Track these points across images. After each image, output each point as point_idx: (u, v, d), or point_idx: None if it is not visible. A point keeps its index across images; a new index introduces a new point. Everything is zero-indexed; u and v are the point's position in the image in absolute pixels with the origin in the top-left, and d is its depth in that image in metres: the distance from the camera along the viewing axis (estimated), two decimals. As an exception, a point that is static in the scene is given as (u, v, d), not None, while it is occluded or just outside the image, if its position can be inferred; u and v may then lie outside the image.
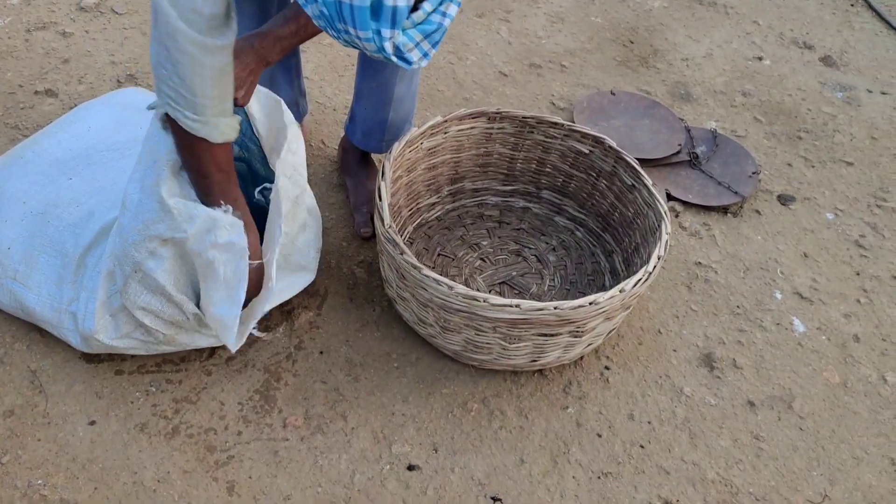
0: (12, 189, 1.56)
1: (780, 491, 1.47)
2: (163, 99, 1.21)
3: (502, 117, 1.81)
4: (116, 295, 1.40)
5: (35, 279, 1.47)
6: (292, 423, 1.47)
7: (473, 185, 1.93)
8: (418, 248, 1.83)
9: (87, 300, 1.43)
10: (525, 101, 2.32)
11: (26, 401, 1.45)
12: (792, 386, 1.65)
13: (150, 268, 1.33)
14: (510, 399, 1.56)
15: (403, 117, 1.78)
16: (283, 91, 1.81)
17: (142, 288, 1.37)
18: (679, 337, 1.71)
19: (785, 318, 1.79)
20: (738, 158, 2.18)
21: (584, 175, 1.84)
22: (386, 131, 1.78)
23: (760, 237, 1.99)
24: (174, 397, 1.48)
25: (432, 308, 1.46)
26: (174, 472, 1.38)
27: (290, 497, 1.37)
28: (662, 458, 1.49)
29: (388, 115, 1.74)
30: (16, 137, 1.94)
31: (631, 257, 1.74)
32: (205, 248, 1.32)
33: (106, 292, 1.41)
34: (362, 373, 1.57)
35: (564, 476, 1.45)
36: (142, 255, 1.33)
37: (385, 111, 1.73)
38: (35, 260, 1.48)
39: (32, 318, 1.49)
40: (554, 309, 1.38)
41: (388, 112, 1.73)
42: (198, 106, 1.19)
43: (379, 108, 1.73)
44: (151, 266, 1.33)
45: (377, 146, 1.82)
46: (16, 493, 1.33)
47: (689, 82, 2.49)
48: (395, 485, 1.41)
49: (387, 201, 1.52)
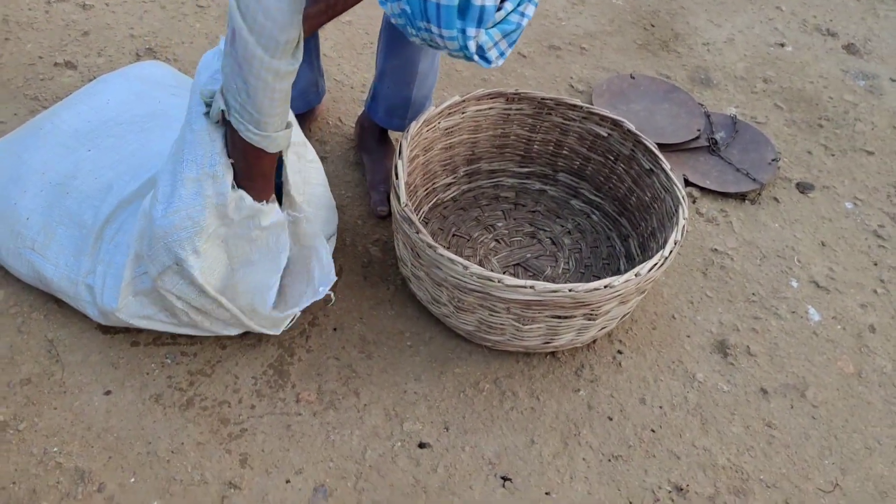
0: (31, 159, 1.57)
1: (791, 479, 1.47)
2: (229, 107, 1.24)
3: (520, 98, 1.80)
4: (142, 277, 1.41)
5: (53, 250, 1.48)
6: (305, 399, 1.48)
7: (490, 166, 1.92)
8: (433, 228, 1.82)
9: (104, 274, 1.44)
10: (543, 83, 2.31)
11: (43, 369, 1.47)
12: (806, 374, 1.64)
13: (191, 265, 1.34)
14: (522, 380, 1.56)
15: (426, 94, 1.77)
16: (303, 72, 1.80)
17: (179, 279, 1.38)
18: (693, 323, 1.71)
19: (800, 307, 1.78)
20: (757, 145, 2.16)
21: (601, 158, 1.83)
22: (409, 108, 1.77)
23: (778, 225, 1.97)
24: (189, 370, 1.49)
25: (446, 287, 1.46)
26: (188, 444, 1.39)
27: (301, 471, 1.38)
28: (673, 443, 1.50)
29: (411, 92, 1.73)
30: (35, 108, 1.95)
31: (647, 242, 1.73)
32: (249, 231, 1.38)
33: (131, 273, 1.42)
34: (375, 350, 1.58)
35: (574, 458, 1.45)
36: (186, 252, 1.33)
37: (409, 88, 1.72)
38: (53, 231, 1.49)
39: (50, 288, 1.51)
40: (569, 291, 1.37)
41: (412, 89, 1.72)
42: (262, 123, 1.23)
43: (403, 86, 1.72)
44: (192, 263, 1.35)
45: (400, 124, 1.81)
46: (31, 460, 1.34)
47: (710, 67, 2.47)
48: (406, 462, 1.42)
49: (403, 180, 1.52)
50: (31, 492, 1.30)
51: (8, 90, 2.00)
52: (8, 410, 1.40)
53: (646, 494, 1.42)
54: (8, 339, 1.50)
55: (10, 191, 1.54)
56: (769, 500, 1.43)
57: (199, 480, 1.35)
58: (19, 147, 1.61)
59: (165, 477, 1.35)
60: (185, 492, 1.33)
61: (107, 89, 1.73)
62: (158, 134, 1.60)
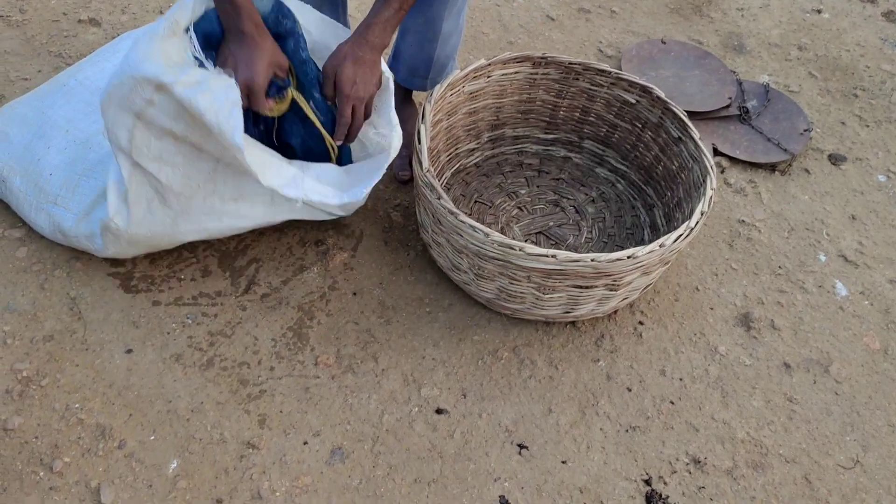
0: (56, 116, 1.57)
1: (811, 454, 1.45)
2: None
3: (547, 62, 1.76)
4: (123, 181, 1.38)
5: (76, 202, 1.49)
6: (324, 362, 1.48)
7: (514, 132, 1.89)
8: (455, 194, 1.81)
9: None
10: (572, 47, 2.26)
11: (65, 327, 1.48)
12: (830, 350, 1.61)
13: (151, 115, 1.28)
14: (541, 349, 1.55)
15: (449, 53, 1.74)
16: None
17: (149, 135, 1.32)
18: (717, 295, 1.68)
19: (828, 281, 1.74)
20: (789, 115, 2.10)
21: (628, 125, 1.79)
22: (431, 68, 1.74)
23: (808, 197, 1.93)
24: (209, 330, 1.50)
25: (467, 255, 1.45)
26: (207, 403, 1.41)
27: (319, 433, 1.39)
28: (692, 416, 1.48)
29: (434, 51, 1.70)
30: (59, 65, 1.94)
31: (672, 212, 1.70)
32: (194, 95, 1.26)
33: (115, 175, 1.39)
34: (394, 316, 1.57)
35: (592, 427, 1.45)
36: (139, 104, 1.27)
37: (431, 47, 1.69)
38: (76, 184, 1.50)
39: (68, 239, 1.51)
40: (591, 261, 1.35)
41: (435, 48, 1.70)
42: None
43: (425, 44, 1.69)
44: (152, 113, 1.28)
45: (422, 84, 1.79)
46: (54, 416, 1.36)
47: (744, 33, 2.40)
48: (423, 427, 1.42)
49: (426, 145, 1.50)
50: (52, 446, 1.33)
51: (32, 47, 2.00)
52: (31, 366, 1.42)
53: (663, 466, 1.41)
54: (31, 296, 1.51)
55: (34, 146, 1.55)
56: (788, 475, 1.42)
57: (217, 439, 1.36)
58: (44, 103, 1.61)
59: (185, 435, 1.36)
60: (204, 450, 1.35)
61: (130, 46, 1.72)
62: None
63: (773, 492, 1.40)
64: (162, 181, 1.37)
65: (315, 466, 1.35)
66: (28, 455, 1.31)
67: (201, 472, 1.32)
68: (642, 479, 1.39)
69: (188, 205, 1.42)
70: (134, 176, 1.37)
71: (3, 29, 2.03)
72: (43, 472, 1.30)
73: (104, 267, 1.57)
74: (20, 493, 1.27)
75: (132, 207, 1.40)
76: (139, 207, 1.40)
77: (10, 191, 1.55)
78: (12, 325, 1.47)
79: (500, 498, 1.35)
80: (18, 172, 1.54)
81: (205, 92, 1.25)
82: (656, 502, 1.36)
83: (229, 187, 1.42)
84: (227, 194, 1.43)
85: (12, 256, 1.56)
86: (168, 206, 1.41)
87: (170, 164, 1.36)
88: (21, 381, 1.40)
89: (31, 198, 1.52)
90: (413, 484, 1.35)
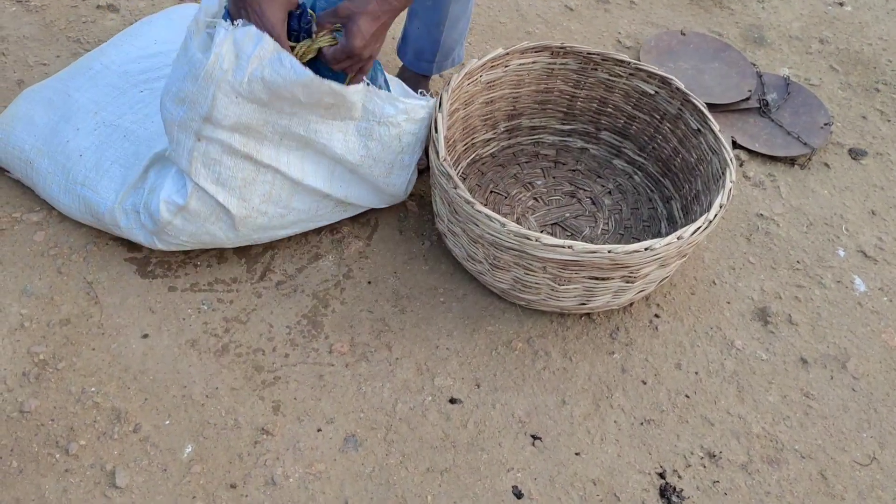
0: (82, 99, 1.58)
1: (827, 450, 1.44)
2: None
3: (566, 52, 1.75)
4: (182, 190, 1.41)
5: (104, 185, 1.50)
6: (338, 350, 1.48)
7: (531, 122, 1.88)
8: (471, 184, 1.80)
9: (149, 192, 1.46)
10: (590, 38, 2.24)
11: (82, 311, 1.49)
12: (848, 346, 1.60)
13: (209, 132, 1.33)
14: (555, 341, 1.54)
15: (456, 38, 1.73)
16: None
17: (207, 158, 1.36)
18: (734, 289, 1.67)
19: (846, 277, 1.72)
20: (809, 108, 2.08)
21: (647, 117, 1.78)
22: (438, 52, 1.74)
23: (827, 191, 1.91)
24: (224, 316, 1.51)
25: (482, 244, 1.44)
26: (222, 389, 1.41)
27: (333, 420, 1.39)
28: (707, 410, 1.47)
29: (441, 34, 1.69)
30: (77, 51, 1.95)
31: (690, 205, 1.68)
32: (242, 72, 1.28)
33: (176, 183, 1.43)
34: (409, 305, 1.57)
35: (606, 420, 1.44)
36: (196, 124, 1.31)
37: (439, 31, 1.68)
38: (107, 169, 1.50)
39: (101, 222, 1.52)
40: (607, 252, 1.35)
41: (442, 32, 1.69)
42: None
43: (433, 27, 1.68)
44: (210, 131, 1.33)
45: (428, 67, 1.78)
46: (70, 399, 1.37)
47: (764, 25, 2.37)
48: (437, 416, 1.42)
49: (442, 134, 1.49)
50: (68, 429, 1.33)
51: (50, 32, 2.00)
52: (48, 349, 1.43)
53: (677, 459, 1.40)
54: (48, 280, 1.52)
55: (61, 128, 1.56)
56: (803, 471, 1.41)
57: (232, 425, 1.37)
58: (69, 86, 1.62)
59: (199, 420, 1.37)
60: (219, 435, 1.35)
61: (153, 30, 1.73)
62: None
63: (788, 487, 1.39)
64: (220, 202, 1.41)
65: (328, 453, 1.35)
66: (44, 437, 1.32)
67: (215, 457, 1.33)
68: (656, 473, 1.39)
69: (243, 222, 1.47)
70: (195, 193, 1.41)
71: (22, 14, 2.04)
72: (59, 454, 1.31)
73: (121, 252, 1.58)
74: (36, 475, 1.28)
75: (191, 219, 1.44)
76: (197, 218, 1.45)
77: (36, 172, 1.56)
78: (29, 308, 1.48)
79: (512, 488, 1.34)
80: (46, 154, 1.54)
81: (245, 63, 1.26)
82: (670, 496, 1.36)
83: (280, 207, 1.49)
84: (277, 214, 1.49)
85: (30, 240, 1.57)
86: (223, 221, 1.46)
87: (227, 188, 1.41)
88: (38, 364, 1.41)
89: (60, 179, 1.53)
90: (426, 473, 1.35)
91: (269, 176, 1.44)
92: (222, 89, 1.28)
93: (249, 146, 1.39)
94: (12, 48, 1.94)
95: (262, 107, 1.34)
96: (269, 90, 1.30)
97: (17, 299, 1.49)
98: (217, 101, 1.29)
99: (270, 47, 1.26)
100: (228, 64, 1.26)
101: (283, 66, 1.28)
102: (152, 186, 1.46)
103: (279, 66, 1.27)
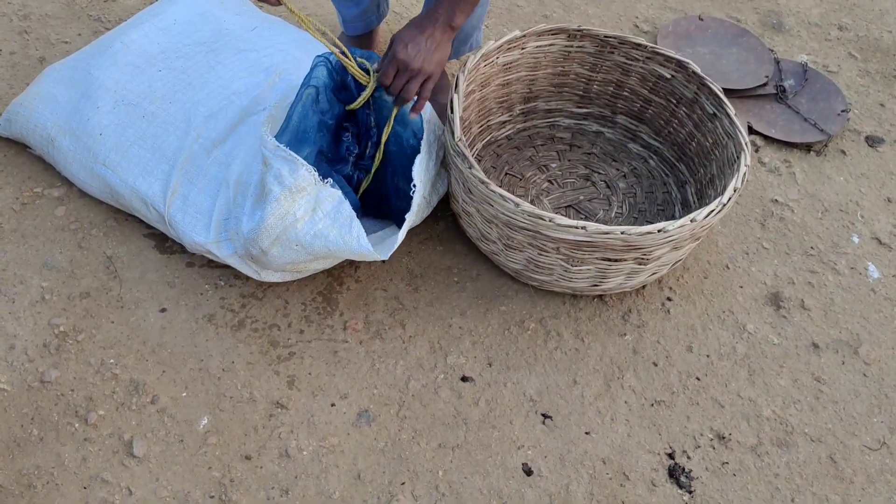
0: (103, 77, 1.60)
1: (837, 434, 1.45)
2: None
3: (583, 35, 1.75)
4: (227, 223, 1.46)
5: (124, 167, 1.52)
6: (352, 327, 1.50)
7: (547, 105, 1.89)
8: (486, 165, 1.81)
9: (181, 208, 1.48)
10: (608, 22, 2.24)
11: (102, 284, 1.51)
12: (860, 331, 1.60)
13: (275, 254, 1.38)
14: (568, 321, 1.55)
15: (474, 24, 1.74)
16: None
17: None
18: (747, 273, 1.67)
19: (860, 263, 1.72)
20: (827, 95, 2.07)
21: (663, 101, 1.78)
22: (457, 37, 1.74)
23: (843, 178, 1.90)
24: (241, 292, 1.53)
25: (496, 225, 1.45)
26: (238, 363, 1.43)
27: (346, 396, 1.41)
28: (718, 392, 1.48)
29: None
30: (98, 29, 1.97)
31: (705, 189, 1.69)
32: (314, 229, 1.35)
33: (217, 229, 1.46)
34: (422, 284, 1.58)
35: (616, 400, 1.46)
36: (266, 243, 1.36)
37: None
38: (126, 150, 1.53)
39: (120, 201, 1.55)
40: (621, 234, 1.35)
41: None
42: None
43: None
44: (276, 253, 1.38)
45: None
46: (89, 370, 1.40)
47: (783, 11, 2.36)
48: (449, 394, 1.43)
49: (458, 115, 1.50)
50: (87, 399, 1.36)
51: (72, 10, 2.02)
52: (68, 322, 1.45)
53: (687, 440, 1.41)
54: (69, 254, 1.55)
55: (82, 106, 1.57)
56: (813, 454, 1.42)
57: (247, 398, 1.39)
58: (90, 64, 1.64)
59: (216, 393, 1.39)
60: (234, 408, 1.38)
61: (173, 9, 1.74)
62: (225, 55, 1.63)
63: (798, 470, 1.40)
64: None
65: (342, 428, 1.37)
66: (64, 407, 1.35)
67: (231, 429, 1.35)
68: (665, 453, 1.40)
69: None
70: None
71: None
72: (78, 423, 1.34)
73: (140, 228, 1.60)
74: (56, 444, 1.31)
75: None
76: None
77: (57, 150, 1.58)
78: (50, 281, 1.51)
79: (522, 465, 1.36)
80: (67, 132, 1.57)
81: (320, 219, 1.33)
82: (679, 476, 1.37)
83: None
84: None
85: (51, 215, 1.60)
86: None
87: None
88: (58, 336, 1.43)
89: (81, 156, 1.55)
90: (437, 449, 1.37)
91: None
92: (287, 234, 1.33)
93: (301, 266, 1.44)
94: (35, 26, 1.97)
95: (315, 257, 1.39)
96: (328, 249, 1.35)
97: (39, 272, 1.52)
98: (273, 245, 1.34)
99: (346, 214, 1.32)
100: (302, 214, 1.32)
101: (351, 234, 1.33)
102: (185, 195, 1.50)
103: (347, 233, 1.33)
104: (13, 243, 1.55)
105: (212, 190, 1.49)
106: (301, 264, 1.42)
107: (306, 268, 1.46)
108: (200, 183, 1.49)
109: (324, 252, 1.36)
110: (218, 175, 1.49)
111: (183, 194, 1.48)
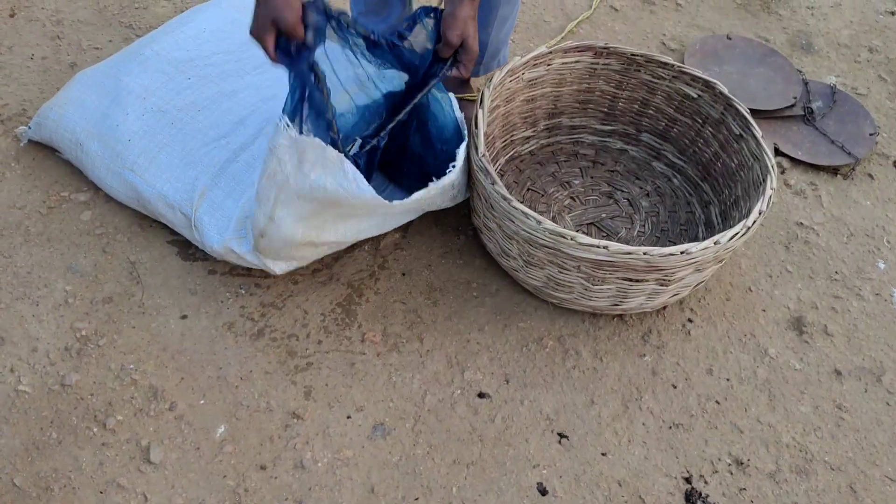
0: (132, 83, 1.62)
1: (857, 463, 1.42)
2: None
3: (609, 53, 1.75)
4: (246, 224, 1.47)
5: (152, 173, 1.53)
6: (370, 339, 1.50)
7: (571, 121, 1.88)
8: (508, 181, 1.81)
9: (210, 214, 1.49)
10: (634, 39, 2.23)
11: (124, 290, 1.53)
12: (884, 359, 1.58)
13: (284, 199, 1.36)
14: (586, 340, 1.55)
15: (503, 39, 1.74)
16: (394, 9, 1.79)
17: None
18: (770, 297, 1.66)
19: (885, 290, 1.70)
20: (855, 117, 2.05)
21: (688, 120, 1.77)
22: (485, 53, 1.74)
23: (870, 202, 1.88)
24: (261, 301, 1.53)
25: (517, 241, 1.45)
26: (256, 372, 1.44)
27: (362, 408, 1.41)
28: (737, 417, 1.47)
29: (489, 35, 1.70)
30: (129, 36, 2.00)
31: (729, 210, 1.67)
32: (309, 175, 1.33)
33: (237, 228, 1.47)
34: (441, 298, 1.58)
35: (634, 422, 1.44)
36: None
37: (486, 33, 1.69)
38: (155, 156, 1.54)
39: (146, 207, 1.56)
40: (643, 254, 1.35)
41: (490, 34, 1.69)
42: None
43: (481, 30, 1.68)
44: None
45: (475, 70, 1.78)
46: (109, 374, 1.41)
47: (813, 32, 2.34)
48: (465, 409, 1.43)
49: (483, 130, 1.50)
50: (107, 404, 1.37)
51: (104, 17, 2.05)
52: (90, 326, 1.47)
53: (704, 465, 1.40)
54: (93, 259, 1.56)
55: (111, 112, 1.60)
56: (832, 483, 1.40)
57: (264, 408, 1.39)
58: (120, 70, 1.66)
59: (233, 401, 1.40)
60: (251, 417, 1.38)
61: (202, 17, 1.76)
62: (253, 64, 1.64)
63: (816, 498, 1.38)
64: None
65: (357, 440, 1.37)
66: (83, 411, 1.36)
67: (247, 439, 1.36)
68: (683, 477, 1.38)
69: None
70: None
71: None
72: (97, 428, 1.35)
73: (164, 234, 1.61)
74: (74, 447, 1.32)
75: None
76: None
77: (86, 154, 1.60)
78: (74, 285, 1.52)
79: (537, 485, 1.35)
80: (96, 137, 1.59)
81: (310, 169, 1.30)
82: (696, 500, 1.35)
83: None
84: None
85: (77, 219, 1.62)
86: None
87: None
88: (80, 340, 1.45)
89: (109, 161, 1.57)
90: (452, 465, 1.36)
91: (327, 248, 1.50)
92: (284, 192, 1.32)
93: (311, 235, 1.42)
94: (67, 31, 2.00)
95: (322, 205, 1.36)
96: (331, 198, 1.33)
97: (63, 276, 1.53)
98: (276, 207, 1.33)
99: (334, 158, 1.29)
100: (291, 169, 1.30)
101: (347, 178, 1.30)
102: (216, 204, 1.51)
103: (342, 178, 1.30)
104: (39, 246, 1.57)
105: (238, 193, 1.50)
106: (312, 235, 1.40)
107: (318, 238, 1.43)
108: (227, 186, 1.50)
109: (325, 197, 1.33)
110: (245, 178, 1.50)
111: (210, 198, 1.50)
